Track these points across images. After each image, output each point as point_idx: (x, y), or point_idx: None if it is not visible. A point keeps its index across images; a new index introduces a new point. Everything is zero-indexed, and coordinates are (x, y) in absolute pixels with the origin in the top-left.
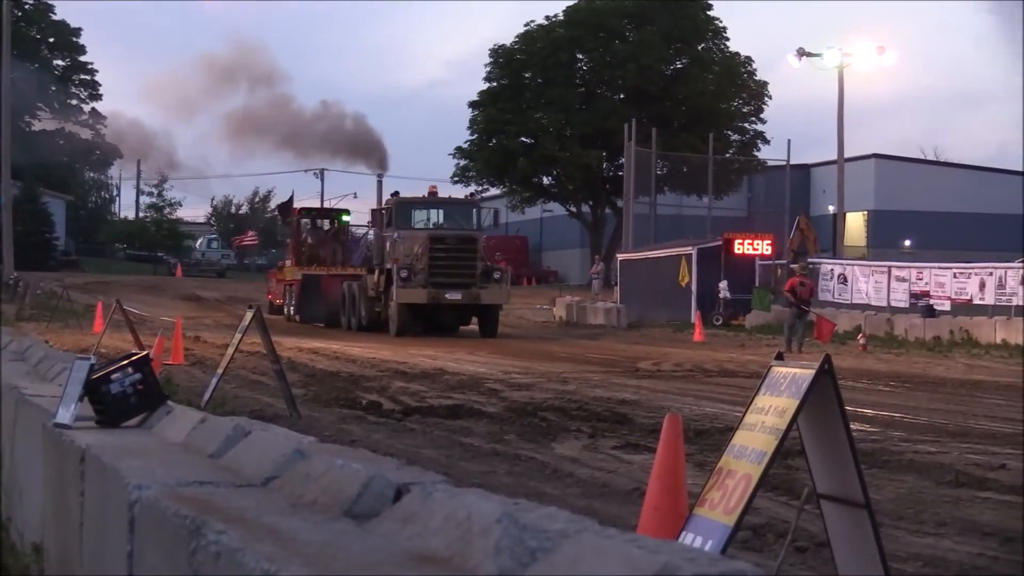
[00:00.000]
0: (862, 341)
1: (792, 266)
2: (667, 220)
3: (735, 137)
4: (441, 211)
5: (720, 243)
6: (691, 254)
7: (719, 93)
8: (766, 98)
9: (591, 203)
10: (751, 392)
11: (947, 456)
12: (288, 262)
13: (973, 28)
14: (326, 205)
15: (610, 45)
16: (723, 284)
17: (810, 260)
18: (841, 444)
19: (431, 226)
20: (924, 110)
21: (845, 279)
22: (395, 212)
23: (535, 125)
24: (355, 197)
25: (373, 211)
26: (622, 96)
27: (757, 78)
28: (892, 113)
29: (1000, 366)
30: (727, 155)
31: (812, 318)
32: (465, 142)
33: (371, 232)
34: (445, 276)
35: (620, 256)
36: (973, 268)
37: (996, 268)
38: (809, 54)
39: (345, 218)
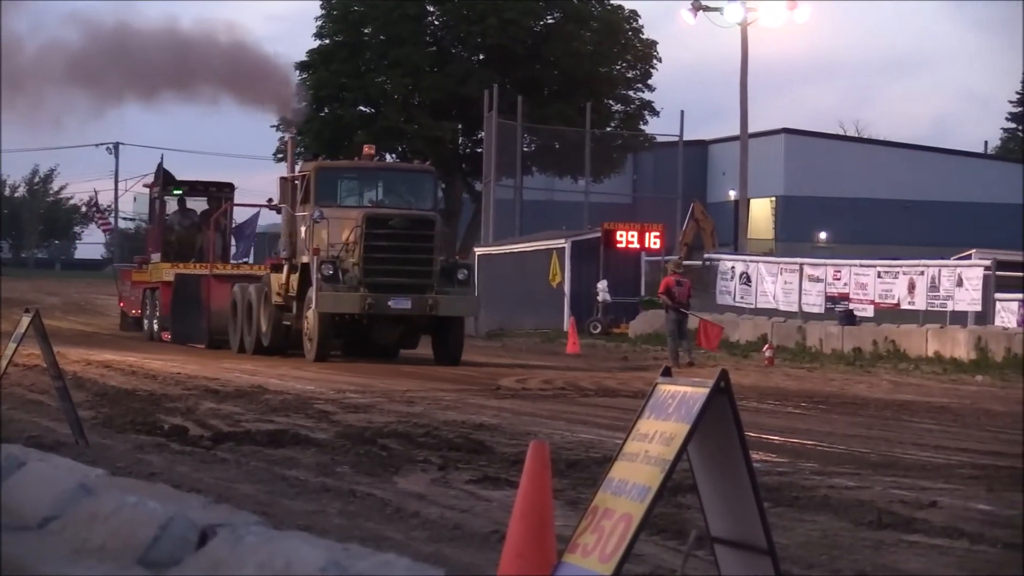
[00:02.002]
0: (768, 353)
1: (665, 263)
2: (536, 207)
3: (618, 107)
4: (381, 182)
5: (599, 235)
6: (564, 248)
7: (598, 55)
8: (655, 61)
9: (443, 185)
10: (634, 415)
11: (868, 492)
12: (155, 257)
13: None
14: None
15: None
16: (602, 284)
17: (707, 255)
18: (740, 477)
19: (367, 203)
20: (844, 77)
21: (748, 279)
22: (315, 182)
23: (376, 91)
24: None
25: (282, 181)
26: (482, 57)
27: (644, 37)
28: (806, 81)
29: (932, 383)
30: (608, 129)
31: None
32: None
33: (256, 217)
34: (388, 275)
35: (478, 250)
36: (901, 266)
37: (928, 266)
38: (706, 8)
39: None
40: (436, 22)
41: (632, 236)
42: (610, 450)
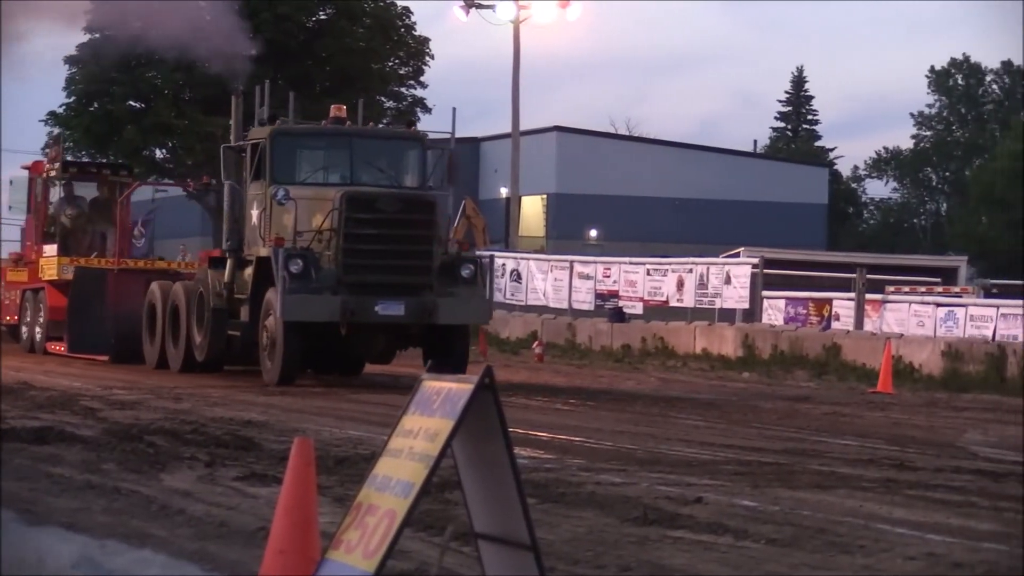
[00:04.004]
0: (538, 350)
1: None
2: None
3: (390, 104)
4: (357, 152)
5: None
6: None
7: (371, 51)
8: (427, 58)
9: (215, 181)
10: None
11: (634, 488)
12: (49, 251)
13: None
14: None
15: None
16: None
17: (478, 252)
18: (504, 473)
19: (339, 179)
20: (616, 75)
21: (519, 276)
22: (271, 152)
23: (147, 86)
24: None
25: (226, 151)
26: (254, 52)
27: (416, 34)
28: (579, 78)
29: (699, 380)
30: (382, 124)
31: None
32: (60, 106)
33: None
34: (376, 272)
35: None
36: (670, 264)
37: (697, 264)
38: (479, 5)
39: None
40: (207, 17)
41: None
42: (378, 447)
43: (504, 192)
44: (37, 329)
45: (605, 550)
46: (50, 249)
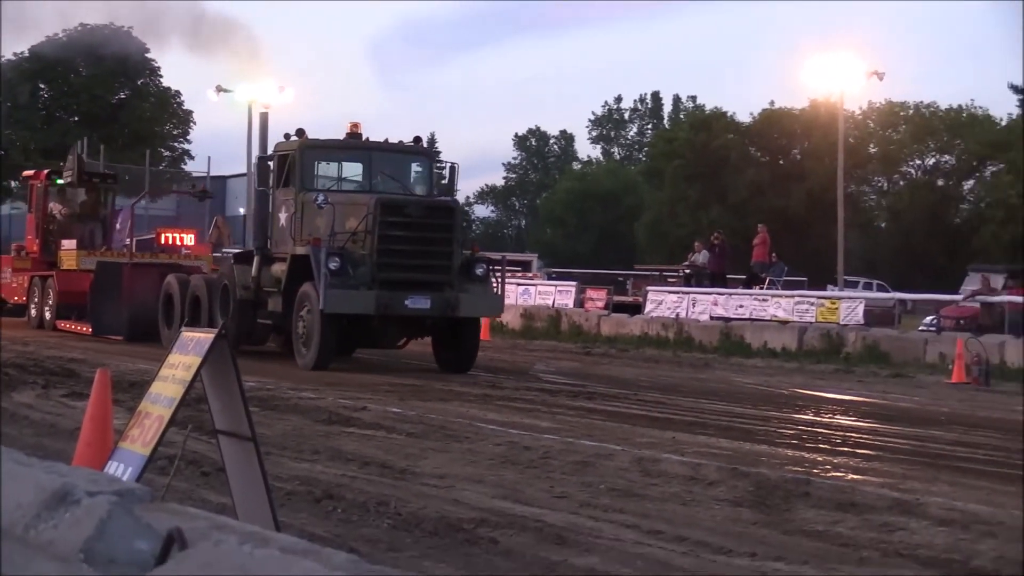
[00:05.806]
0: None
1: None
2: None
3: (167, 154)
4: (371, 163)
5: (154, 236)
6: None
7: (154, 119)
8: (192, 124)
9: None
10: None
11: (324, 401)
12: (68, 244)
13: (348, 68)
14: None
15: (67, 78)
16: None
17: (225, 250)
18: (234, 391)
19: (358, 188)
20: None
21: None
22: (300, 162)
23: (5, 141)
24: None
25: (261, 160)
26: (77, 119)
27: (185, 108)
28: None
29: None
30: (161, 167)
31: None
32: None
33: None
34: (405, 270)
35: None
36: None
37: None
38: (225, 90)
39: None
40: (47, 95)
41: (175, 236)
42: (154, 375)
43: (242, 211)
44: (46, 309)
45: (303, 440)
46: (69, 243)
